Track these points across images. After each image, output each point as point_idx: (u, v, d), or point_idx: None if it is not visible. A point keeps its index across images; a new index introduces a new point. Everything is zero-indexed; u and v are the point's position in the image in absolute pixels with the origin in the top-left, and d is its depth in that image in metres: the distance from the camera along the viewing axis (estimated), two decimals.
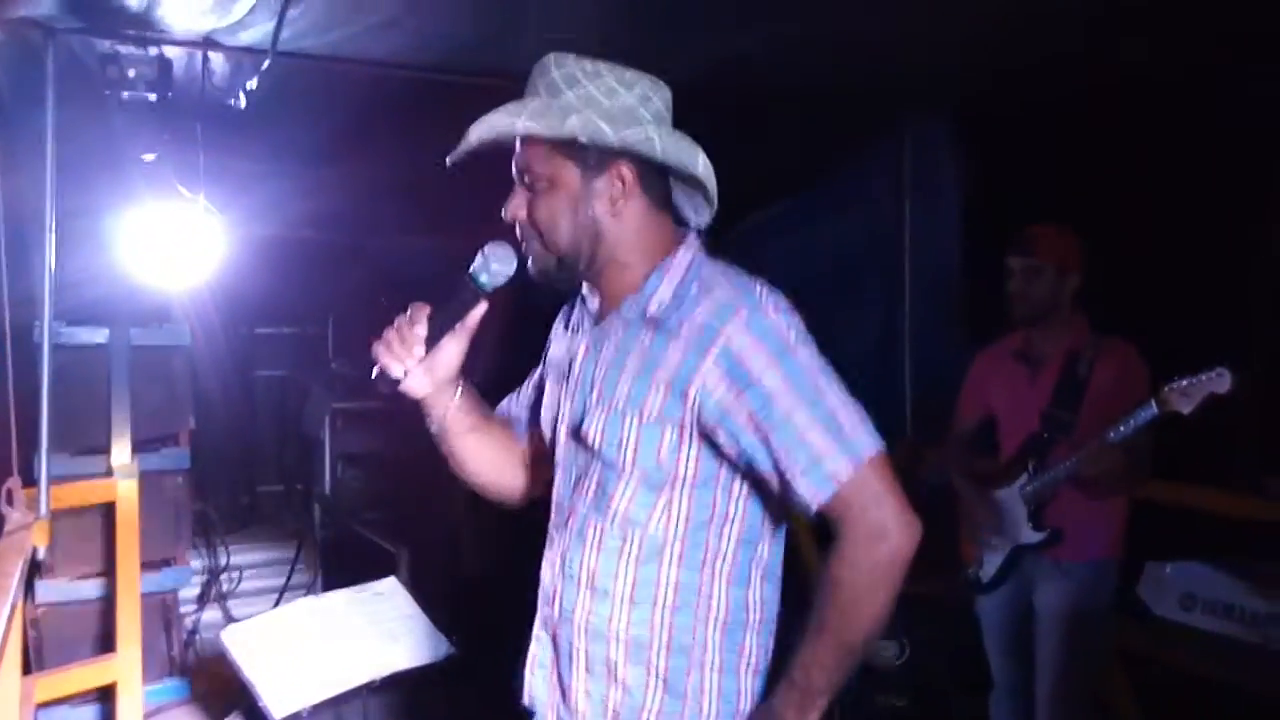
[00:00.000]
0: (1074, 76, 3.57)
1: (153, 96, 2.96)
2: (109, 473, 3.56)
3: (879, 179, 4.47)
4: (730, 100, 3.56)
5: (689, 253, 1.65)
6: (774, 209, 4.63)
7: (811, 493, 1.49)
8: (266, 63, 2.91)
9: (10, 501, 2.87)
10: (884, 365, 4.57)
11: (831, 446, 1.48)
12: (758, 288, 1.57)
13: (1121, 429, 2.79)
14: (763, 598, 1.65)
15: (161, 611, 3.66)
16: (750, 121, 3.58)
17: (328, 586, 4.13)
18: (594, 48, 3.12)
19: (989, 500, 3.16)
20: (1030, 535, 3.08)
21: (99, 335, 3.62)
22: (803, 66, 3.43)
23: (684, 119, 1.72)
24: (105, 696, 3.37)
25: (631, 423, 1.57)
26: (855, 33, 3.08)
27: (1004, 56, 3.39)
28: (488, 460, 1.87)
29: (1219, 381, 2.64)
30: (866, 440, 1.50)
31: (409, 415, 2.00)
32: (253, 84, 3.08)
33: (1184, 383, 2.68)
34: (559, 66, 1.60)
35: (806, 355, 1.53)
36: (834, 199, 4.61)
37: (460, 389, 1.78)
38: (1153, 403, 2.73)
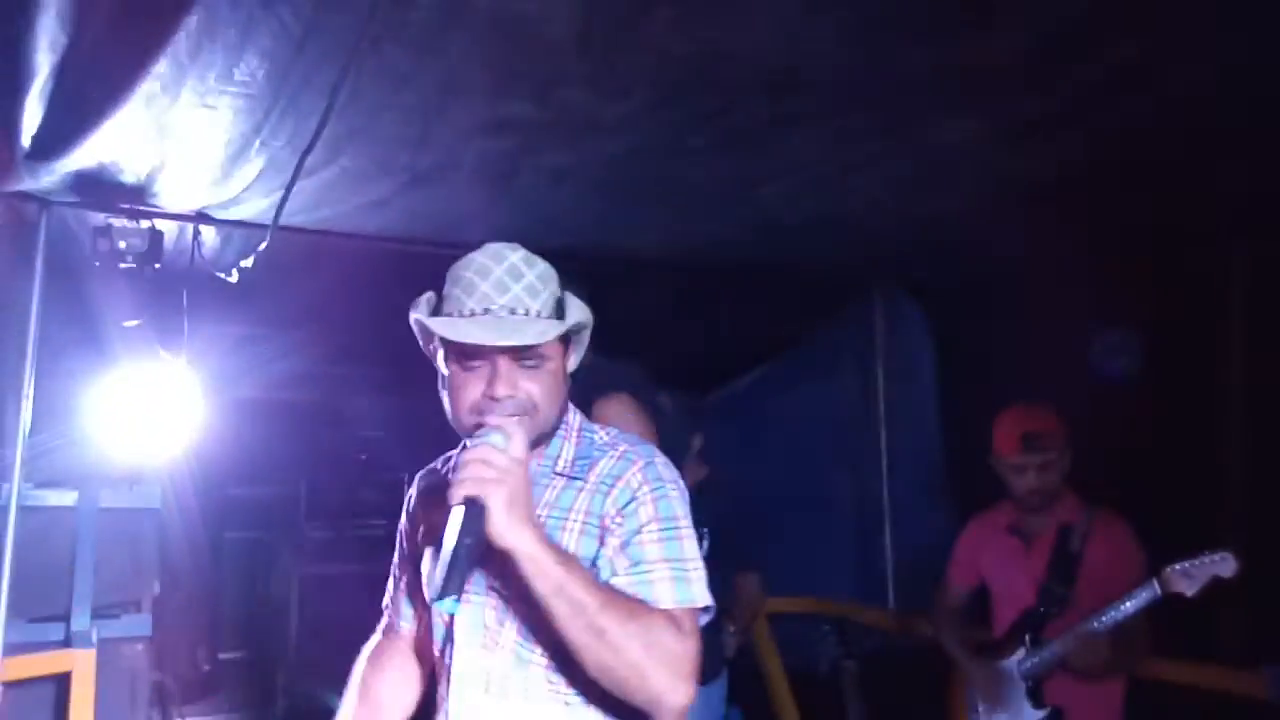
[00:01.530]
0: (1037, 251, 3.71)
1: (145, 267, 3.00)
2: (66, 640, 3.43)
3: (852, 349, 4.57)
4: (703, 271, 3.68)
5: (576, 416, 1.83)
6: (749, 378, 4.71)
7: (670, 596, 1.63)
8: (264, 243, 2.98)
9: None
10: (864, 534, 4.56)
11: (671, 583, 1.64)
12: (653, 448, 1.77)
13: (1119, 610, 2.79)
14: None
15: None
16: (723, 292, 3.69)
17: None
18: (573, 223, 3.25)
19: (989, 673, 3.11)
20: (1030, 714, 3.03)
21: (68, 498, 3.56)
22: (772, 242, 3.55)
23: (657, 287, 1.81)
24: None
25: None
26: (827, 213, 3.21)
27: (970, 232, 3.52)
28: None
29: (1223, 565, 2.65)
30: (700, 592, 1.66)
31: (378, 580, 2.01)
32: (248, 262, 3.15)
33: (1187, 565, 2.68)
34: (531, 265, 1.75)
35: (679, 505, 1.70)
36: (807, 369, 4.70)
37: None
38: (1155, 584, 2.73)
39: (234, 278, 3.22)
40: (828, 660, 4.07)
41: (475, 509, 1.53)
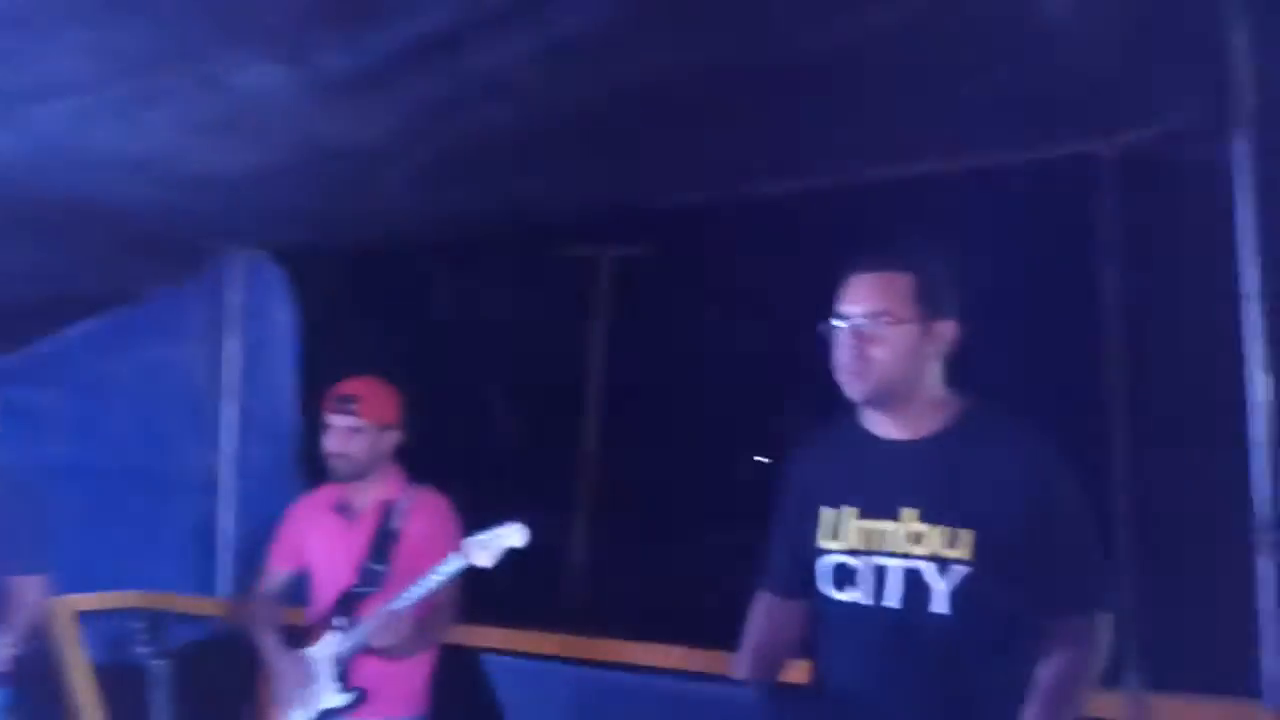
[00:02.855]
0: (404, 230, 3.64)
1: None
2: None
3: (203, 311, 4.17)
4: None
5: None
6: (71, 337, 4.09)
7: None
8: None
9: None
10: (210, 512, 4.21)
11: None
12: None
13: (427, 582, 2.80)
14: None
15: None
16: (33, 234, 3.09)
17: None
18: None
19: (297, 659, 2.97)
20: (336, 698, 2.94)
21: None
22: (70, 175, 3.01)
23: None
24: None
25: None
26: (143, 152, 2.78)
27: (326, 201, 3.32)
28: None
29: (514, 535, 2.77)
30: None
31: None
32: None
33: (483, 537, 2.77)
34: None
35: None
36: (149, 330, 4.20)
37: None
38: (457, 556, 2.78)
39: None
40: (140, 659, 3.67)
41: None
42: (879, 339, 1.90)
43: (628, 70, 2.29)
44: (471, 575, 2.81)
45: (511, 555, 2.78)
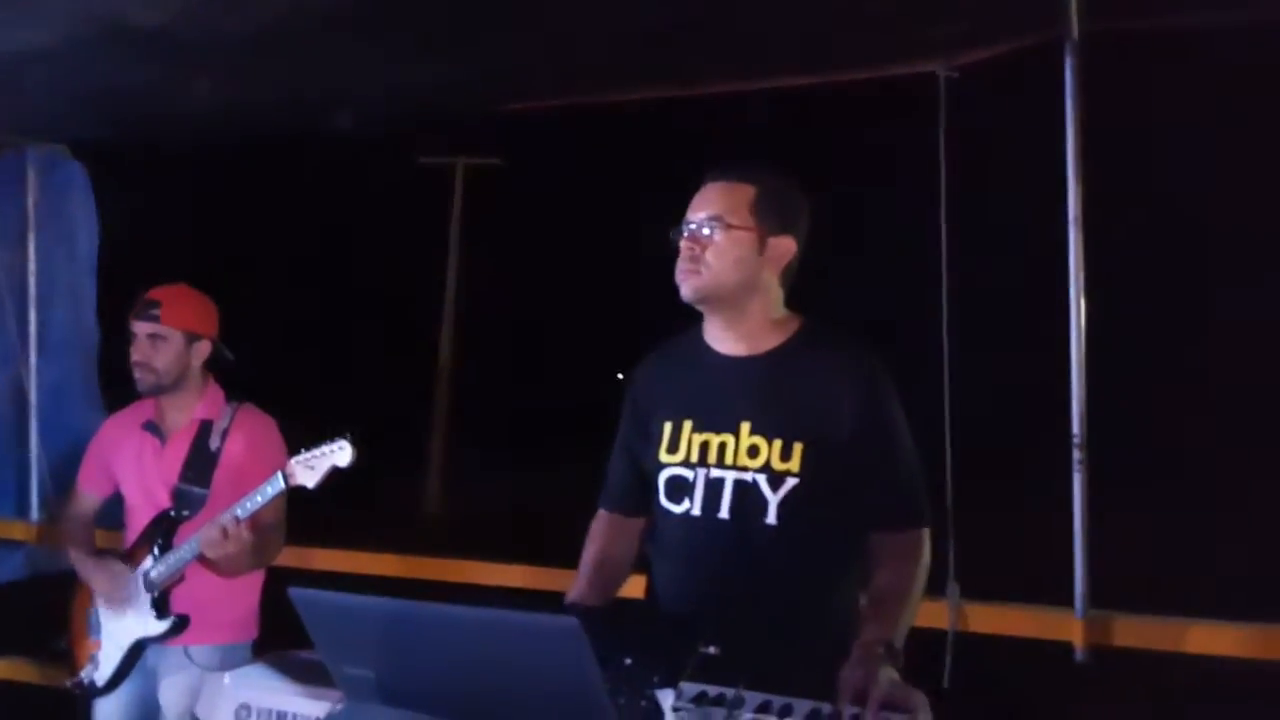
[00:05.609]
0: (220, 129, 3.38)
1: None
2: None
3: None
4: None
5: None
6: None
7: None
8: None
9: None
10: (14, 431, 3.94)
11: None
12: None
13: (248, 505, 2.67)
14: None
15: None
16: None
17: None
18: None
19: (113, 583, 2.81)
20: (153, 626, 2.80)
21: None
22: None
23: None
24: None
25: None
26: None
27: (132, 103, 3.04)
28: None
29: (339, 454, 2.62)
30: None
31: None
32: None
33: (306, 455, 2.63)
34: None
35: None
36: None
37: None
38: (279, 476, 2.65)
39: None
40: None
41: None
42: (711, 243, 1.92)
43: None
44: (326, 495, 2.64)
45: (357, 475, 2.65)
